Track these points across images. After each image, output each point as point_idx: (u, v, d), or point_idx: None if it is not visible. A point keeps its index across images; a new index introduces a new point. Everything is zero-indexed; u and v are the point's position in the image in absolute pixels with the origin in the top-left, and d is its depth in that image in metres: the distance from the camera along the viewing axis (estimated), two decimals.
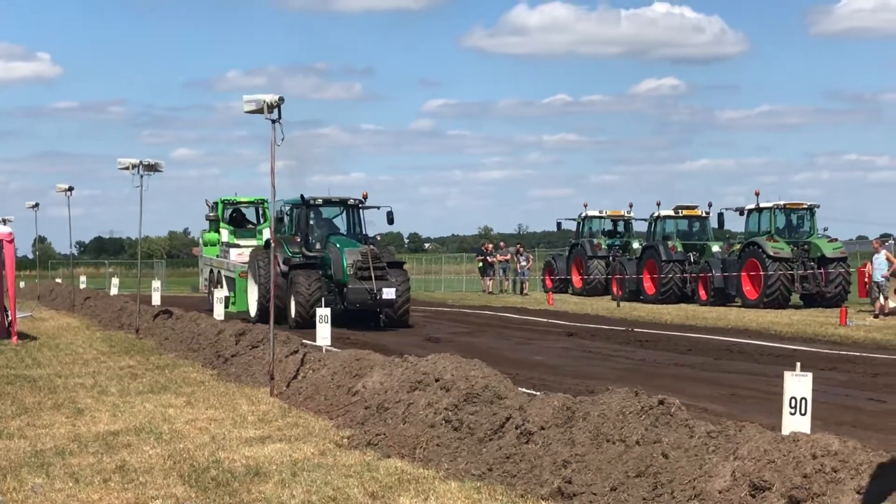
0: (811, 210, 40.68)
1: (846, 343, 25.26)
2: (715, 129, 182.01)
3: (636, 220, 52.09)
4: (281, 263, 30.67)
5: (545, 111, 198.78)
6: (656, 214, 45.87)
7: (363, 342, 23.81)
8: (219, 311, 26.15)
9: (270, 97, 16.03)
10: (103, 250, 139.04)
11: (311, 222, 32.05)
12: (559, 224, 55.76)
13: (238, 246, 38.53)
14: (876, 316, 32.38)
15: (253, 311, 32.30)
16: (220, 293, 28.79)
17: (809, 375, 8.91)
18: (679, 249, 43.42)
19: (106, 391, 16.82)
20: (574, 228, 53.62)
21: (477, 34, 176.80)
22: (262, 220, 41.68)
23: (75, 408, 15.00)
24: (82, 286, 49.18)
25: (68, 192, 37.47)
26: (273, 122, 16.13)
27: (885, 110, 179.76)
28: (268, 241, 32.51)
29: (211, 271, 39.93)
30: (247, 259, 34.74)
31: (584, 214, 52.31)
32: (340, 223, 32.58)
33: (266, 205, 38.84)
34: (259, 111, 16.17)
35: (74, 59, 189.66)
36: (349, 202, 32.32)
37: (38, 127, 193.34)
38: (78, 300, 41.31)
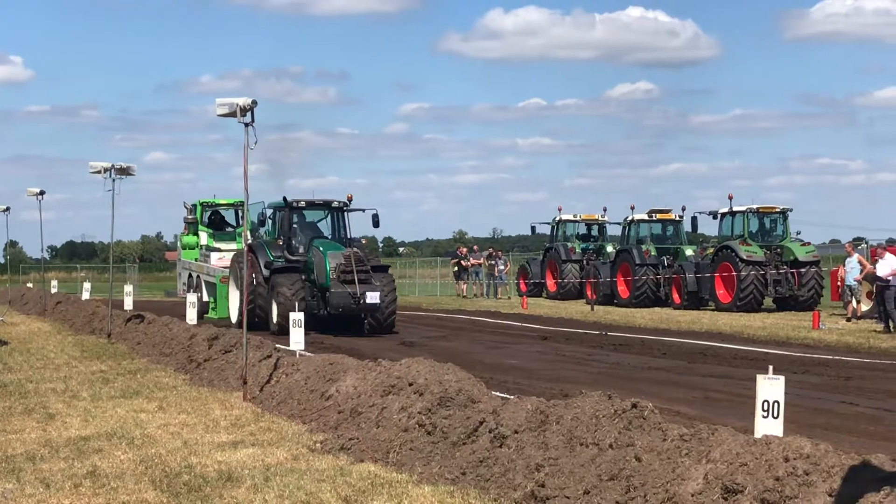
0: (784, 214, 40.83)
1: (819, 346, 25.35)
2: (688, 133, 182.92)
3: (610, 223, 52.23)
4: (262, 267, 30.21)
5: (520, 115, 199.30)
6: (630, 218, 45.97)
7: (337, 346, 23.79)
8: (191, 316, 25.99)
9: (243, 100, 15.98)
10: (75, 255, 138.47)
11: (294, 225, 31.31)
12: (533, 228, 55.82)
13: (219, 250, 37.69)
14: (848, 319, 32.53)
15: (234, 317, 31.54)
16: (192, 297, 28.33)
17: (782, 379, 8.92)
18: (653, 253, 43.52)
19: (77, 396, 16.71)
20: (548, 232, 53.66)
21: (452, 38, 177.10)
22: (241, 223, 40.55)
23: (46, 413, 14.89)
24: (54, 291, 48.90)
25: (40, 196, 37.26)
26: (246, 125, 16.08)
27: (857, 114, 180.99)
28: (249, 245, 31.96)
29: (190, 275, 39.13)
30: (228, 263, 34.07)
31: (558, 218, 52.36)
32: (325, 227, 31.91)
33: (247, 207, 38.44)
34: (232, 115, 16.11)
35: (47, 63, 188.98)
36: (333, 205, 31.53)
37: (10, 130, 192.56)
38: (49, 305, 41.09)
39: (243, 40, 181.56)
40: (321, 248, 29.42)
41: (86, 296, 43.37)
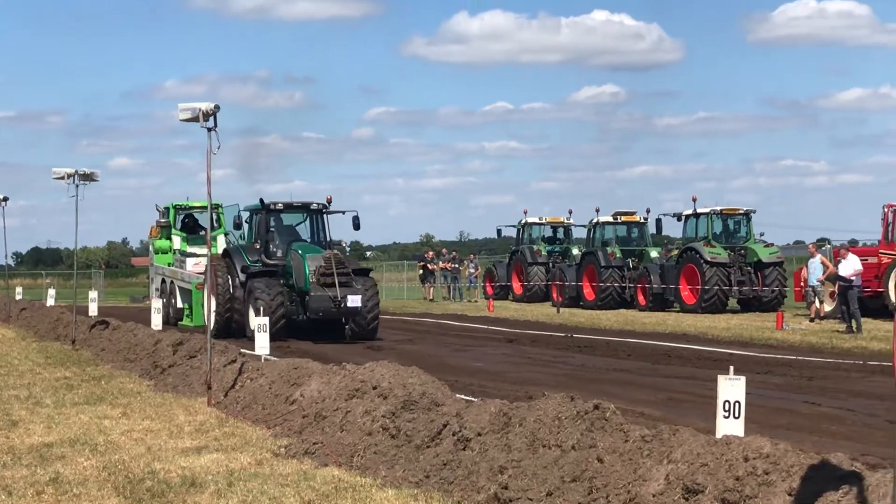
0: (747, 215, 41.09)
1: (782, 347, 25.53)
2: (654, 135, 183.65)
3: (576, 226, 52.37)
4: (239, 272, 29.48)
5: (486, 119, 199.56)
6: (595, 221, 46.13)
7: (303, 351, 23.75)
8: (156, 322, 25.88)
9: (206, 105, 15.95)
10: (41, 261, 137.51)
11: (272, 229, 30.38)
12: (499, 231, 55.94)
13: (194, 255, 36.24)
14: (812, 320, 32.76)
15: (211, 324, 30.90)
16: (157, 303, 28.13)
17: (742, 379, 8.99)
18: (618, 255, 43.67)
19: (41, 403, 16.62)
20: (514, 235, 53.75)
21: (417, 42, 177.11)
22: (216, 226, 39.00)
23: (9, 420, 14.81)
24: (18, 297, 48.60)
25: (3, 203, 37.00)
26: (209, 130, 16.03)
27: (820, 116, 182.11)
28: (225, 250, 31.65)
29: (163, 281, 37.82)
30: (203, 269, 32.94)
31: (523, 221, 52.46)
32: (303, 230, 30.99)
33: (221, 210, 36.98)
34: (195, 119, 16.07)
35: (11, 69, 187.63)
36: (312, 207, 30.58)
37: None
38: (14, 311, 40.82)
39: (208, 45, 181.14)
40: (300, 252, 28.49)
41: (50, 302, 43.15)
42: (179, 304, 35.24)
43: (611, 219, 46.02)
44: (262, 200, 30.07)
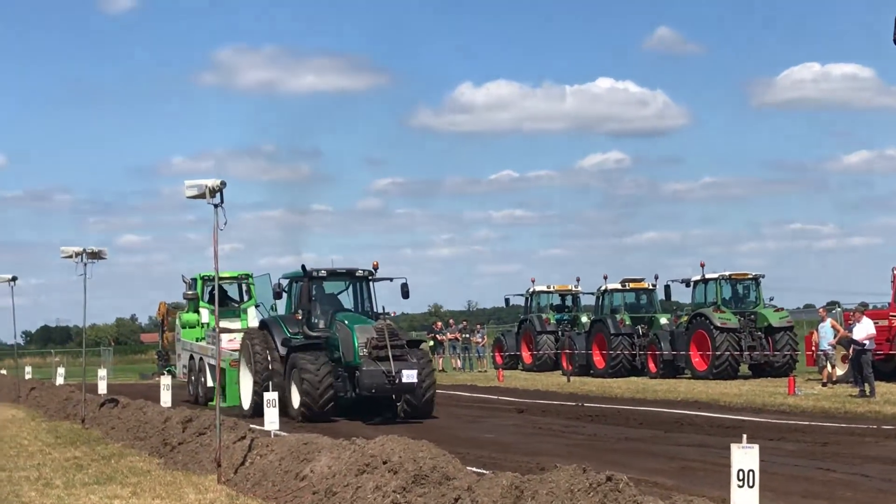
0: (756, 280, 40.99)
1: (795, 412, 25.35)
2: (660, 201, 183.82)
3: (584, 293, 52.26)
4: (278, 345, 27.31)
5: (492, 187, 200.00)
6: (604, 288, 46.03)
7: (311, 426, 23.62)
8: (165, 399, 25.84)
9: (212, 182, 16.00)
10: (50, 339, 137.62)
11: (314, 297, 28.05)
12: (507, 300, 55.80)
13: (229, 330, 33.86)
14: (824, 384, 32.56)
15: (247, 403, 28.23)
16: (166, 380, 27.96)
17: (756, 447, 8.92)
18: (627, 322, 43.53)
19: (51, 484, 16.54)
20: (522, 304, 53.66)
21: (423, 113, 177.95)
22: (246, 298, 37.73)
23: (19, 502, 14.74)
24: (28, 376, 48.59)
25: (12, 283, 37.07)
26: (215, 206, 16.08)
27: (828, 179, 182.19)
28: (262, 322, 29.37)
29: (191, 357, 35.59)
30: (238, 345, 30.37)
31: (531, 290, 52.38)
32: (345, 299, 28.81)
33: (251, 280, 35.73)
34: (201, 196, 16.11)
35: (18, 148, 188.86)
36: (357, 273, 28.36)
37: None
38: (23, 391, 40.76)
39: (215, 120, 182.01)
40: (346, 322, 26.41)
41: (60, 381, 43.09)
42: (210, 383, 33.08)
43: (619, 286, 45.92)
44: (303, 267, 27.80)
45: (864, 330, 29.26)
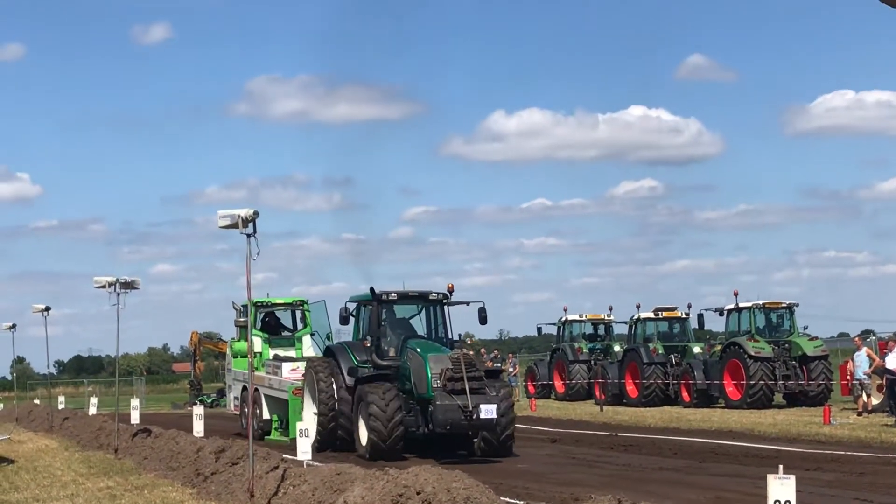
0: (790, 309, 40.75)
1: (830, 442, 25.15)
2: (694, 229, 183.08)
3: (616, 322, 52.06)
4: (345, 375, 25.33)
5: (524, 216, 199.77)
6: (636, 317, 45.85)
7: (343, 457, 23.52)
8: (198, 429, 25.83)
9: (245, 212, 16.06)
10: (83, 369, 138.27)
11: (383, 323, 25.92)
12: (539, 329, 55.74)
13: (291, 359, 32.11)
14: (859, 414, 32.29)
15: (312, 438, 24.94)
16: (199, 409, 27.86)
17: (792, 478, 8.84)
18: (660, 351, 43.33)
19: None
20: (555, 333, 53.51)
21: (455, 141, 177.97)
22: (300, 326, 35.54)
23: None
24: (61, 406, 48.70)
25: (45, 313, 37.25)
26: (248, 236, 16.13)
27: (862, 206, 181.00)
28: (328, 349, 27.41)
29: (244, 388, 32.77)
30: (301, 376, 28.62)
31: (564, 318, 52.23)
32: (417, 324, 26.56)
33: (306, 307, 33.99)
34: (234, 226, 16.18)
35: (53, 178, 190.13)
36: (431, 297, 26.11)
37: (18, 247, 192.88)
38: (56, 421, 40.88)
39: (248, 150, 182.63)
40: (418, 350, 24.38)
41: (93, 410, 43.22)
42: (266, 416, 30.99)
43: (652, 314, 45.73)
44: (372, 290, 25.60)
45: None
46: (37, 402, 64.80)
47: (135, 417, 31.93)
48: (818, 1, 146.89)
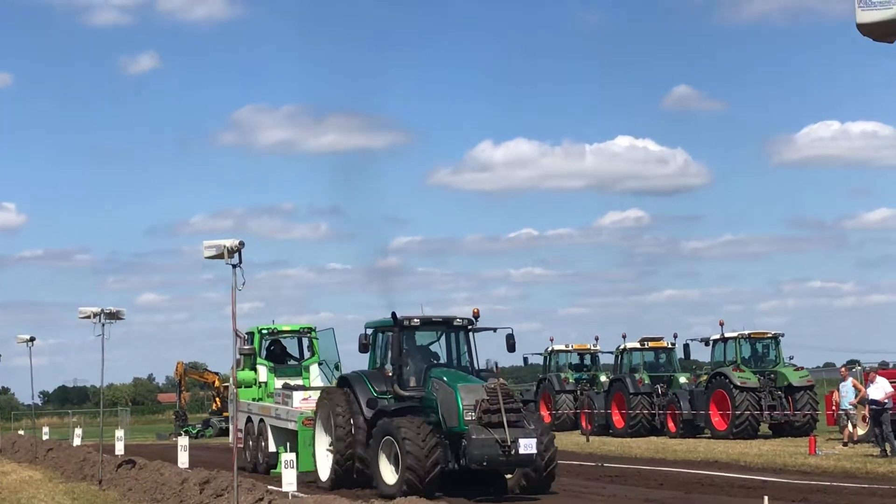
0: (776, 339, 40.81)
1: (816, 472, 25.16)
2: (680, 259, 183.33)
3: (602, 352, 52.06)
4: (364, 407, 23.36)
5: (511, 245, 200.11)
6: (622, 347, 45.87)
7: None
8: (183, 460, 25.69)
9: (230, 242, 16.08)
10: (67, 399, 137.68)
11: (404, 350, 23.94)
12: (526, 359, 55.60)
13: (302, 388, 30.31)
14: (845, 444, 32.31)
15: (325, 472, 24.36)
16: (183, 440, 27.65)
17: None
18: (646, 382, 43.34)
19: None
20: (541, 363, 53.46)
21: (442, 171, 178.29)
22: (309, 354, 34.03)
23: None
24: (45, 437, 48.50)
25: (30, 343, 37.14)
26: (234, 266, 16.13)
27: (848, 236, 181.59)
28: (343, 378, 25.08)
29: (249, 420, 31.66)
30: (313, 405, 26.81)
31: (550, 349, 52.21)
32: (438, 351, 24.69)
33: (314, 334, 32.58)
34: (220, 256, 16.19)
35: (39, 208, 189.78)
36: (455, 322, 24.16)
37: (3, 276, 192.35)
38: (40, 452, 40.66)
39: (235, 179, 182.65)
40: (445, 380, 22.40)
41: (77, 441, 42.98)
42: (272, 448, 29.68)
43: (638, 345, 45.77)
44: (394, 315, 23.63)
45: (881, 390, 29.05)
46: (21, 432, 64.44)
47: (119, 448, 31.74)
48: (804, 32, 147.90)
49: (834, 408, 34.98)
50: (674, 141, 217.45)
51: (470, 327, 24.23)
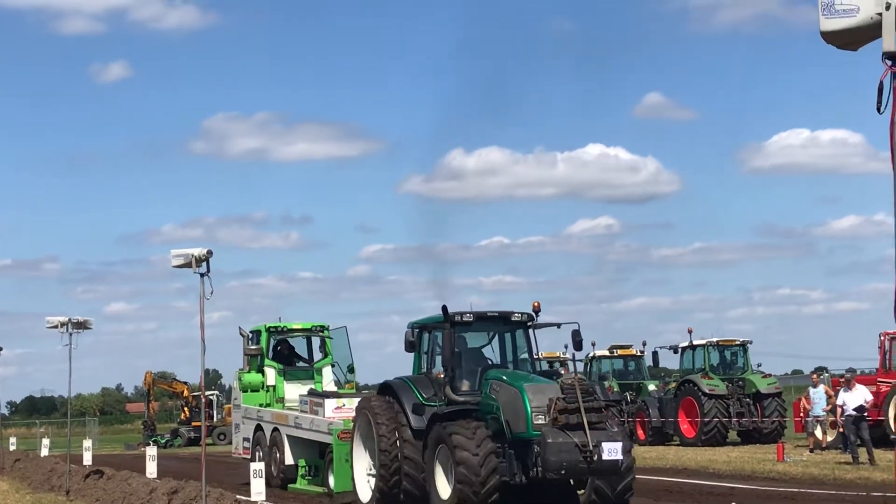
0: (744, 346, 41.01)
1: (784, 479, 25.26)
2: (650, 267, 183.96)
3: (572, 361, 52.06)
4: (410, 414, 20.09)
5: (482, 253, 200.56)
6: (592, 354, 45.94)
7: (305, 497, 23.28)
8: (151, 470, 25.56)
9: (199, 251, 16.03)
10: (35, 409, 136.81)
11: (456, 350, 20.49)
12: None
13: (336, 395, 26.67)
14: (811, 450, 32.45)
15: (365, 493, 20.99)
16: (152, 450, 27.42)
17: None
18: (616, 389, 43.43)
19: None
20: None
21: (413, 179, 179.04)
22: (321, 355, 30.47)
23: None
24: (12, 448, 48.17)
25: None
26: (202, 275, 16.08)
27: (817, 244, 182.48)
28: (385, 385, 21.35)
29: (258, 428, 28.67)
30: (348, 414, 23.65)
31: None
32: (490, 352, 21.39)
33: (327, 333, 29.87)
34: (188, 265, 16.13)
35: (7, 216, 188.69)
36: (514, 318, 20.89)
37: None
38: (7, 462, 40.39)
39: (206, 188, 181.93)
40: (505, 379, 19.10)
41: (44, 452, 42.73)
42: (289, 461, 26.79)
43: (607, 352, 45.90)
44: (444, 309, 20.18)
45: (860, 396, 28.90)
46: None
47: (87, 459, 31.60)
48: (774, 41, 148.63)
49: (802, 414, 35.14)
50: (645, 149, 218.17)
51: (530, 323, 21.06)
